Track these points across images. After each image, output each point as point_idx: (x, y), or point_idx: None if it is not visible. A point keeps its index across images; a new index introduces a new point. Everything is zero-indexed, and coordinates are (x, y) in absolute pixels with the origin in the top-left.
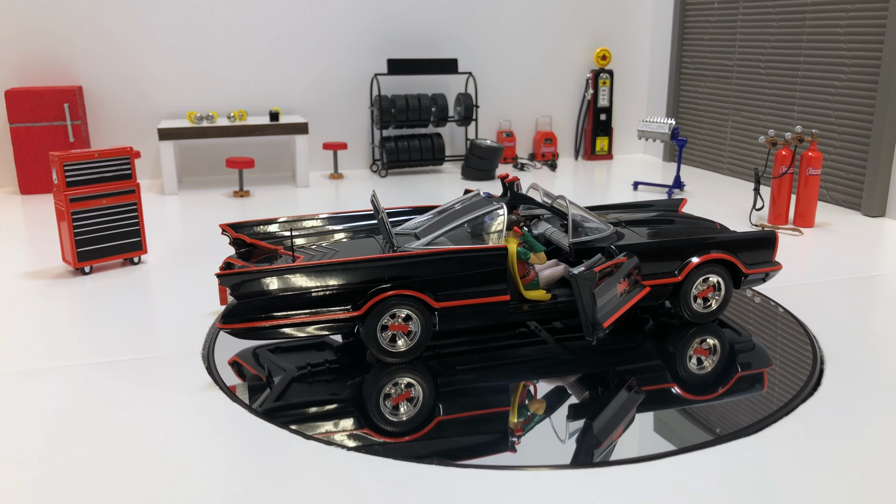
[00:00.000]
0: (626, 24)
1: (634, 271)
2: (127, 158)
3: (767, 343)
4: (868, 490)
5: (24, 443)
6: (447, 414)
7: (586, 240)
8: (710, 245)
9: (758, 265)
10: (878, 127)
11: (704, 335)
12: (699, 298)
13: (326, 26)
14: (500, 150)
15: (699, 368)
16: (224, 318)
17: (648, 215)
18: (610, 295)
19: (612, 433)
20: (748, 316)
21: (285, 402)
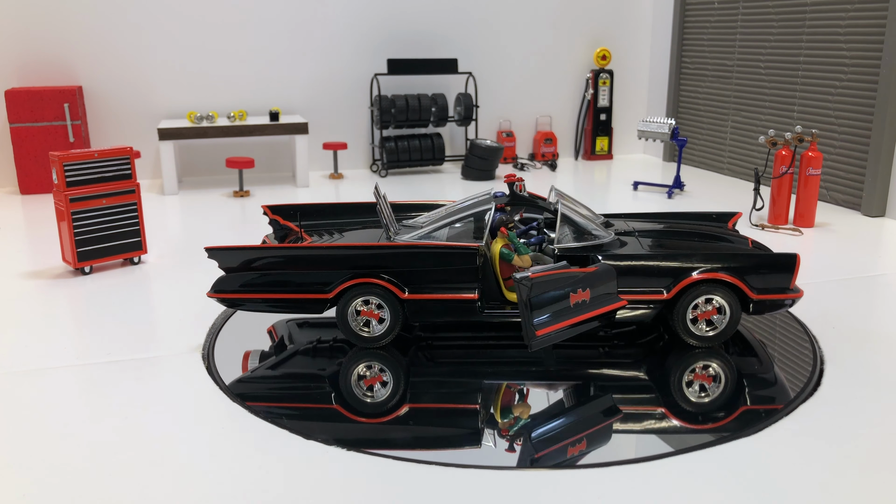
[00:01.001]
0: (626, 24)
1: (603, 283)
2: (127, 158)
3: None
4: (868, 490)
5: (24, 443)
6: (416, 402)
7: (572, 246)
8: (710, 263)
9: (771, 290)
10: (878, 127)
11: (714, 358)
12: (700, 320)
13: (326, 26)
14: (500, 150)
15: (698, 395)
16: (212, 288)
17: (669, 227)
18: (560, 305)
19: (568, 442)
20: (748, 316)
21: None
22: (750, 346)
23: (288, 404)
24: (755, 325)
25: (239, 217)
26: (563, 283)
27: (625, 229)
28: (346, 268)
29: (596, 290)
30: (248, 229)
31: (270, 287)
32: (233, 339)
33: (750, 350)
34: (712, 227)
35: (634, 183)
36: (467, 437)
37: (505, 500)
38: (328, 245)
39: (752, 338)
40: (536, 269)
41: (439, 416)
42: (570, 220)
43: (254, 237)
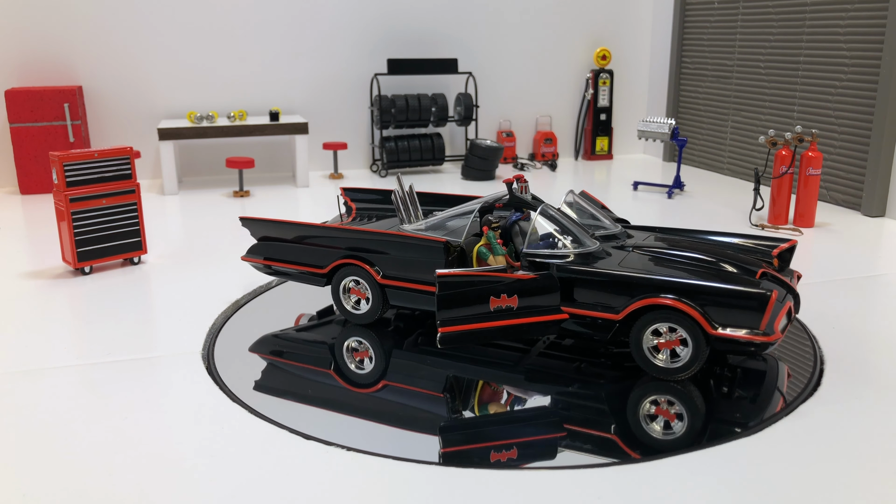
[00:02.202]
0: (626, 24)
1: (538, 293)
2: (127, 158)
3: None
4: (868, 490)
5: (24, 443)
6: (392, 380)
7: (539, 252)
8: (671, 287)
9: (736, 327)
10: (878, 127)
11: (685, 392)
12: (662, 349)
13: (326, 26)
14: (500, 150)
15: (660, 431)
16: (246, 252)
17: (685, 247)
18: (475, 307)
19: (492, 445)
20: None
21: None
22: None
23: (288, 361)
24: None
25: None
26: (478, 285)
27: (621, 243)
28: (338, 248)
29: (527, 300)
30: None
31: (285, 258)
32: (233, 339)
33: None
34: (744, 252)
35: (634, 183)
36: (427, 420)
37: (505, 499)
38: (324, 226)
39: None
40: (461, 269)
41: (410, 397)
42: (563, 226)
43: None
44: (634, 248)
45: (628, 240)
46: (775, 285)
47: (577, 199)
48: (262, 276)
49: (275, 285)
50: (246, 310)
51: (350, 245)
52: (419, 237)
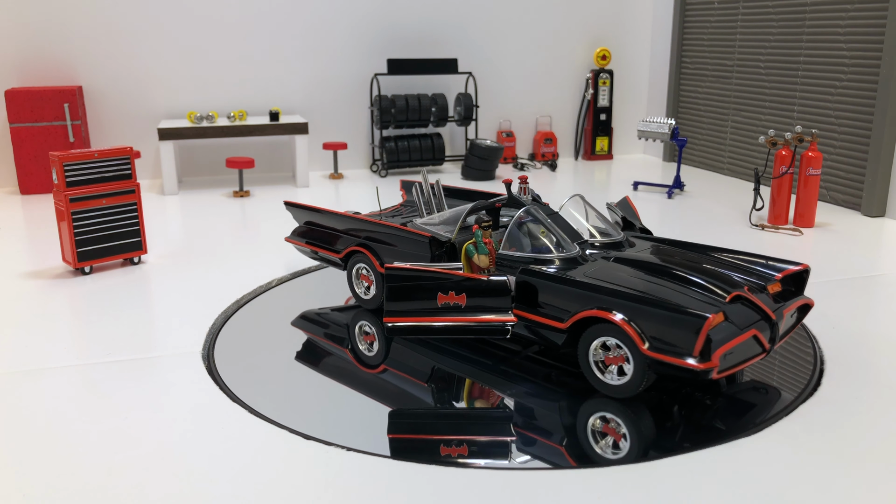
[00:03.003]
0: (626, 24)
1: (488, 294)
2: (127, 158)
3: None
4: (868, 490)
5: (25, 443)
6: (392, 365)
7: (510, 254)
8: (615, 301)
9: (667, 351)
10: (878, 127)
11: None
12: (610, 365)
13: (326, 26)
14: (500, 150)
15: (602, 446)
16: (290, 235)
17: (662, 260)
18: (421, 302)
19: (441, 439)
20: None
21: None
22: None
23: (318, 337)
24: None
25: (239, 217)
26: (424, 280)
27: (605, 252)
28: (352, 236)
29: (476, 299)
30: (249, 228)
31: (315, 241)
32: (233, 339)
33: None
34: (744, 273)
35: (634, 183)
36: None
37: (504, 500)
38: (340, 214)
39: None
40: (410, 263)
41: (401, 382)
42: (526, 232)
43: (254, 236)
44: (616, 258)
45: (620, 249)
46: (749, 310)
47: (584, 203)
48: (262, 276)
49: (275, 285)
50: (246, 310)
51: (359, 234)
52: (409, 230)
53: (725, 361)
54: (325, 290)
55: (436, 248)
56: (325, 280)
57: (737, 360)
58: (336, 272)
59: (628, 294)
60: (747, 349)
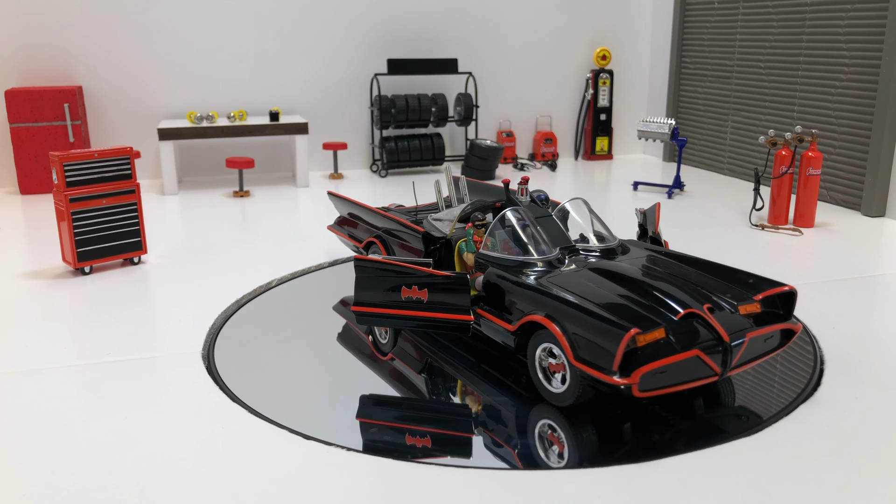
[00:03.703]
0: (626, 24)
1: (448, 291)
2: (127, 158)
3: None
4: (868, 490)
5: (24, 443)
6: (399, 356)
7: (486, 253)
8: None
9: (591, 364)
10: (878, 127)
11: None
12: (556, 372)
13: (326, 26)
14: (500, 150)
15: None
16: (332, 224)
17: (638, 269)
18: (387, 294)
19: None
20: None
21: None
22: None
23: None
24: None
25: (239, 217)
26: (390, 273)
27: (581, 260)
28: (372, 228)
29: (437, 296)
30: (249, 228)
31: (348, 230)
32: (233, 339)
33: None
34: (723, 290)
35: (634, 183)
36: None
37: (503, 500)
38: (364, 206)
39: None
40: (382, 256)
41: (405, 372)
42: (508, 233)
43: (254, 236)
44: (591, 265)
45: (611, 256)
46: (703, 329)
47: (585, 207)
48: (262, 276)
49: (275, 285)
50: (246, 310)
51: (376, 226)
52: (408, 225)
53: (652, 380)
54: (326, 290)
55: (430, 243)
56: (326, 280)
57: (673, 380)
58: (332, 273)
59: (567, 301)
60: (688, 370)
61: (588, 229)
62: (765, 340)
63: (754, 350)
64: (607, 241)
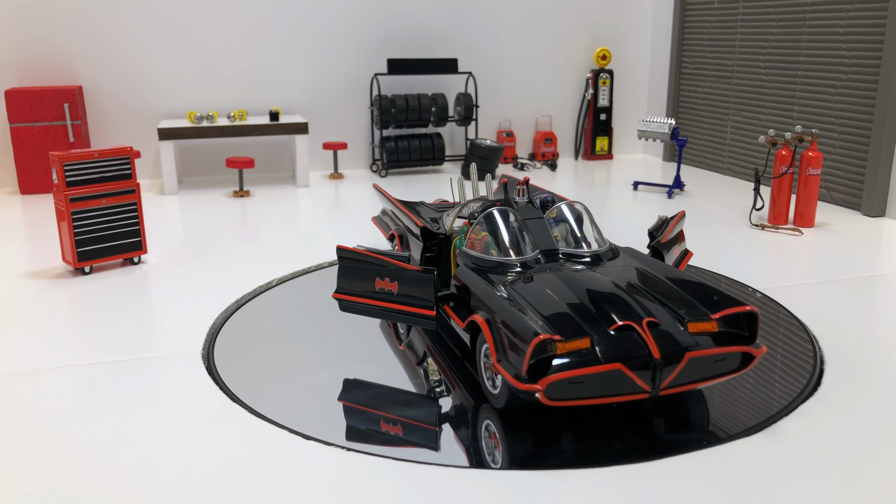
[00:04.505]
0: (626, 24)
1: (415, 285)
2: (127, 158)
3: (768, 342)
4: (868, 490)
5: (24, 443)
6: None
7: (468, 251)
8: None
9: (509, 369)
10: (878, 127)
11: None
12: (492, 374)
13: (326, 26)
14: (501, 149)
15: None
16: (375, 216)
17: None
18: (364, 284)
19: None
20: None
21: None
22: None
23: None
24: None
25: (239, 217)
26: (367, 265)
27: (557, 265)
28: (395, 220)
29: (405, 289)
30: (249, 228)
31: (384, 222)
32: (233, 339)
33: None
34: (685, 305)
35: (634, 183)
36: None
37: (503, 500)
38: (392, 200)
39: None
40: (363, 246)
41: (399, 369)
42: (480, 231)
43: (254, 236)
44: (560, 270)
45: (597, 263)
46: (638, 344)
47: (580, 209)
48: (263, 276)
49: (275, 285)
50: (246, 310)
51: (399, 220)
52: (413, 219)
53: (565, 390)
54: (326, 291)
55: (428, 238)
56: (326, 280)
57: (592, 392)
58: (332, 273)
59: (502, 304)
60: (610, 384)
61: (578, 233)
62: (716, 361)
63: (699, 371)
64: (596, 247)
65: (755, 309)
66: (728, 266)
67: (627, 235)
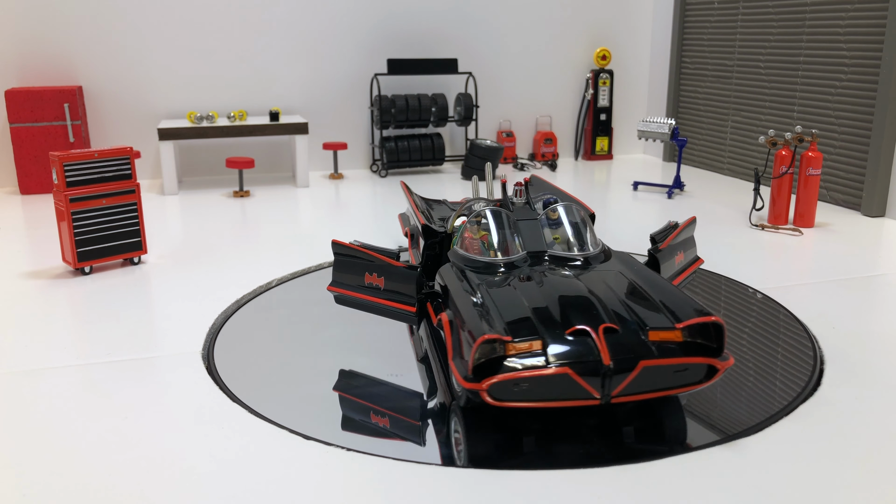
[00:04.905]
0: (626, 24)
1: (398, 281)
2: (127, 158)
3: (768, 342)
4: (868, 490)
5: (24, 443)
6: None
7: (457, 250)
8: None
9: (459, 367)
10: (878, 127)
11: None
12: None
13: (326, 26)
14: (501, 150)
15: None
16: (401, 213)
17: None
18: (355, 277)
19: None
20: (748, 315)
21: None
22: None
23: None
24: (756, 324)
25: (239, 217)
26: (359, 260)
27: (540, 268)
28: (410, 220)
29: (391, 284)
30: (249, 228)
31: (406, 220)
32: (233, 339)
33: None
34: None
35: (634, 183)
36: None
37: (503, 500)
38: (408, 197)
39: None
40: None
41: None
42: (476, 232)
43: (254, 236)
44: (536, 273)
45: (584, 268)
46: (591, 349)
47: (573, 210)
48: (263, 276)
49: (275, 285)
50: (246, 310)
51: (412, 218)
52: (417, 216)
53: (510, 391)
54: (326, 290)
55: (430, 236)
56: (326, 280)
57: (539, 395)
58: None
59: (464, 305)
60: (557, 388)
61: (571, 236)
62: (675, 372)
63: (656, 380)
64: (587, 251)
65: (720, 320)
66: (728, 266)
67: (627, 236)
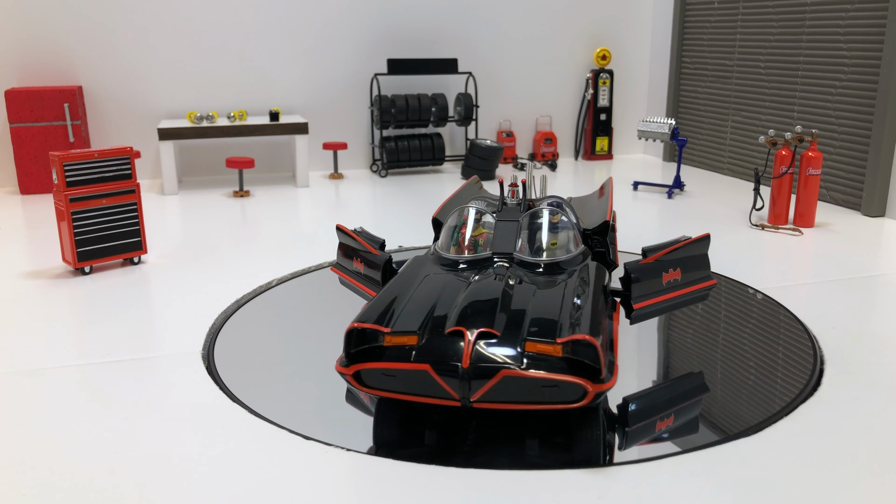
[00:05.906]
0: (626, 24)
1: (370, 266)
2: (127, 158)
3: (768, 342)
4: (868, 490)
5: (24, 443)
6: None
7: (437, 246)
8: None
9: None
10: (878, 127)
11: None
12: None
13: (326, 26)
14: (501, 149)
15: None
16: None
17: (520, 281)
18: (350, 263)
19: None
20: (749, 315)
21: None
22: None
23: None
24: (756, 324)
25: (239, 217)
26: (353, 247)
27: (497, 269)
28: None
29: (368, 270)
30: (249, 228)
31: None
32: (233, 339)
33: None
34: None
35: (634, 183)
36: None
37: (502, 500)
38: (455, 194)
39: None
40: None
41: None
42: (456, 228)
43: (254, 236)
44: (484, 274)
45: (545, 272)
46: (450, 347)
47: (559, 213)
48: (263, 276)
49: (275, 285)
50: (246, 310)
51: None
52: (437, 211)
53: (377, 380)
54: (326, 290)
55: (439, 230)
56: (326, 280)
57: (406, 388)
58: (332, 272)
59: (381, 295)
60: (420, 384)
61: (542, 241)
62: (543, 387)
63: (520, 392)
64: (555, 256)
65: (594, 340)
66: (728, 266)
67: (626, 236)
